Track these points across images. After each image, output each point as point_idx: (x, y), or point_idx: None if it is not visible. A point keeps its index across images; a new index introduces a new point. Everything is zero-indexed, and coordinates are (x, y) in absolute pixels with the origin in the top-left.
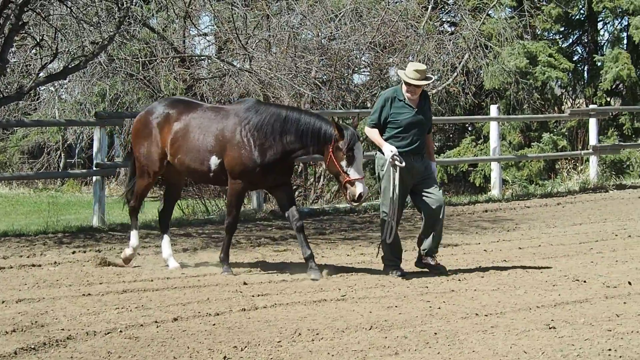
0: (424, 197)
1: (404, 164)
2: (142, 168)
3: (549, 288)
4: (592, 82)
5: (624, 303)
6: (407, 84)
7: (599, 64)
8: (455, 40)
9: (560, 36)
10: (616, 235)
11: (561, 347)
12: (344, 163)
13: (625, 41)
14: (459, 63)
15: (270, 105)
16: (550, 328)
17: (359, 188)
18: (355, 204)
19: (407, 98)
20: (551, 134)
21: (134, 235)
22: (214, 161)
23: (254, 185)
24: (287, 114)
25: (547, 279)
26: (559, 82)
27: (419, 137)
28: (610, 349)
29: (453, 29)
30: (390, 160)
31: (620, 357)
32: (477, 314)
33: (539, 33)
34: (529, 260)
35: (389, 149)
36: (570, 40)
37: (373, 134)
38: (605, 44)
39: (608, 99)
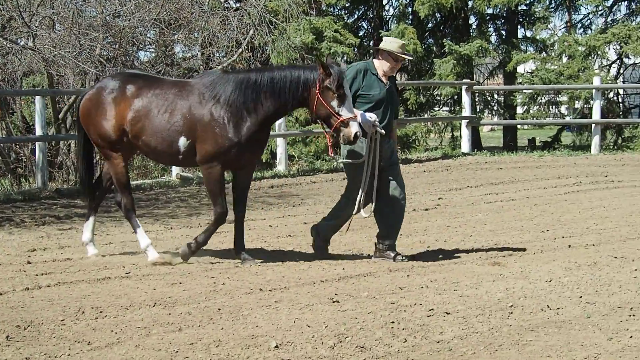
0: (390, 185)
1: (384, 132)
2: (105, 151)
3: (332, 262)
4: None
5: (408, 276)
6: (394, 58)
7: None
8: (240, 17)
9: (346, 12)
10: None
11: (344, 320)
12: (334, 103)
13: (410, 17)
14: (244, 39)
15: (238, 72)
16: (333, 302)
17: (354, 127)
18: (351, 146)
19: (380, 73)
20: None
21: (140, 234)
22: (182, 142)
23: (227, 166)
24: (257, 76)
25: (332, 253)
26: (345, 58)
27: (389, 116)
28: (393, 322)
29: (238, 5)
30: (372, 127)
31: (403, 329)
32: (261, 289)
33: (324, 9)
34: None
35: (367, 116)
36: (356, 16)
37: None
38: (391, 19)
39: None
